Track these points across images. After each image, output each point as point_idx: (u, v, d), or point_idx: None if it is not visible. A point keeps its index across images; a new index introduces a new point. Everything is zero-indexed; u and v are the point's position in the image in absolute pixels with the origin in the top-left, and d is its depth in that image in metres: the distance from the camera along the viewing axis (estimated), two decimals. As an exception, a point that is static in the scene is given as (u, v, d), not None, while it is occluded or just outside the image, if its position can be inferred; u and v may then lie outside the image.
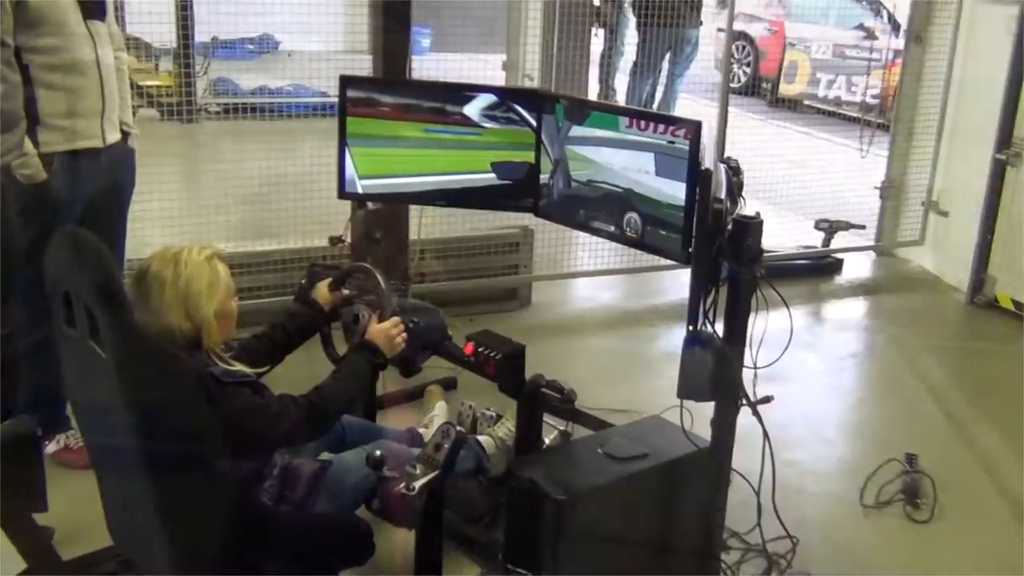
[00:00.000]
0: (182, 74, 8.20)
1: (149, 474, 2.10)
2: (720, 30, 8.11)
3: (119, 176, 3.40)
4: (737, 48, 11.01)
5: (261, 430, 2.28)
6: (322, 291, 2.90)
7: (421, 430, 3.15)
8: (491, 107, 3.39)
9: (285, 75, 6.76)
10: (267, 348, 2.74)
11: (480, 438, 3.16)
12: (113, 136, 3.32)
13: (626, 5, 7.76)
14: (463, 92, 3.42)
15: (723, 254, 2.56)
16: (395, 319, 2.70)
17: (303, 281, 3.35)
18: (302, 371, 3.06)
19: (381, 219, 3.65)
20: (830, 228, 6.15)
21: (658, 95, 7.86)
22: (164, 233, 4.58)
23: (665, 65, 7.76)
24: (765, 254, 2.63)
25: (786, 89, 10.09)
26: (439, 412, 3.41)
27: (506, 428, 3.23)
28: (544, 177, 3.37)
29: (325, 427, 2.45)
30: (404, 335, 2.71)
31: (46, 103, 3.10)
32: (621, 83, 7.74)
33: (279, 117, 6.85)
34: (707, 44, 8.12)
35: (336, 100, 3.48)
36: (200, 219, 4.78)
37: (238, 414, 2.23)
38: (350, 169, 3.47)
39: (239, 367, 2.33)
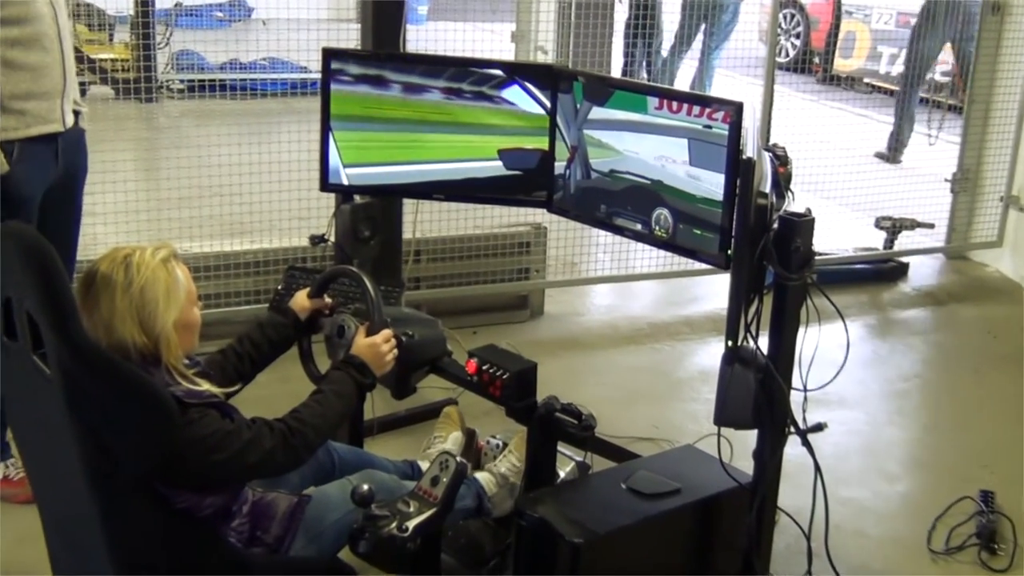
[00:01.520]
0: (140, 46, 8.24)
1: (100, 510, 2.10)
2: (765, -4, 8.12)
3: (73, 162, 3.41)
4: (785, 17, 11.00)
5: (230, 459, 2.28)
6: (301, 298, 2.91)
7: (422, 462, 3.14)
8: (498, 85, 3.40)
9: (259, 47, 6.78)
10: (236, 365, 2.74)
11: (478, 475, 3.15)
12: (71, 118, 3.34)
13: None
14: (466, 68, 3.42)
15: (768, 257, 2.55)
16: (386, 331, 2.70)
17: (279, 287, 3.36)
18: (277, 391, 3.06)
19: (370, 215, 3.65)
20: (893, 227, 6.14)
21: (682, 70, 7.86)
22: (118, 231, 4.60)
23: (700, 37, 7.78)
24: (817, 257, 2.63)
25: (842, 65, 10.07)
26: (451, 444, 3.39)
27: (509, 463, 3.22)
28: (559, 166, 3.37)
29: (304, 456, 2.44)
30: (396, 350, 2.71)
31: (5, 84, 3.11)
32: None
33: (252, 96, 6.87)
34: (750, 12, 8.13)
35: (318, 76, 3.49)
36: (160, 215, 4.80)
37: (203, 441, 2.23)
38: (334, 157, 3.47)
39: (205, 386, 2.33)
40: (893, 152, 7.96)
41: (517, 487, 3.14)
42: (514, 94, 3.39)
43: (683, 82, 8.16)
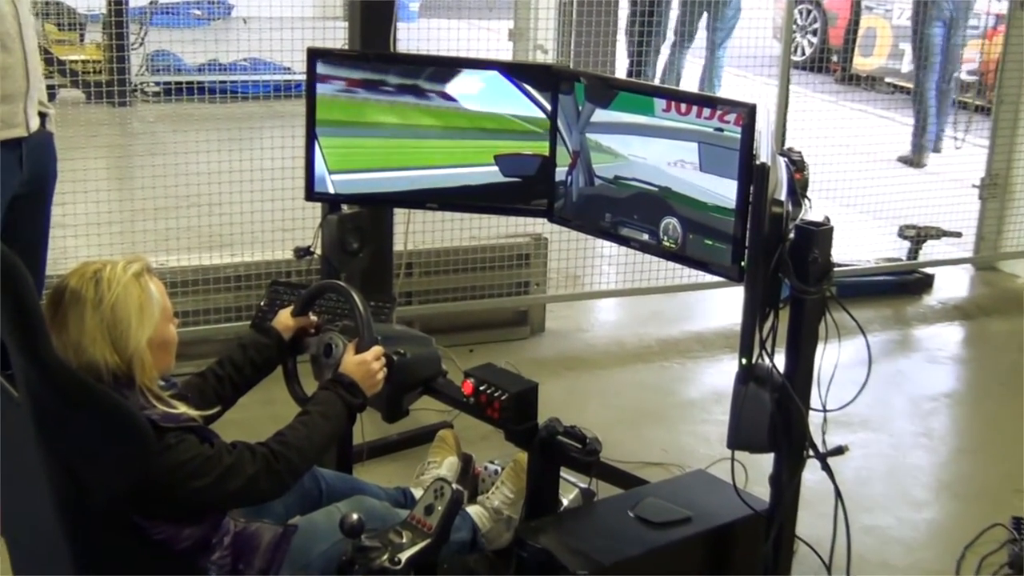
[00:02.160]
0: (113, 46, 8.25)
1: (70, 542, 2.10)
2: (779, -10, 8.14)
3: (40, 168, 3.41)
4: (801, 13, 11.04)
5: (210, 486, 2.28)
6: (284, 317, 2.91)
7: (415, 489, 3.14)
8: (494, 87, 3.40)
9: (240, 47, 6.78)
10: (216, 388, 2.74)
11: (469, 510, 3.14)
12: (35, 122, 3.34)
13: None
14: (460, 68, 3.43)
15: (784, 269, 2.56)
16: (376, 349, 2.70)
17: (262, 303, 3.36)
18: (260, 413, 3.07)
19: (359, 225, 3.65)
20: (918, 236, 6.15)
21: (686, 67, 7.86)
22: (89, 243, 4.60)
23: (702, 32, 7.80)
24: (836, 269, 2.63)
25: (861, 63, 10.08)
26: (446, 471, 3.39)
27: (502, 495, 3.21)
28: (560, 173, 3.38)
29: (289, 482, 2.44)
30: (387, 369, 2.71)
31: None
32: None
33: (232, 99, 6.87)
34: (763, 8, 8.15)
35: (303, 78, 3.50)
36: (134, 226, 4.80)
37: (181, 467, 2.23)
38: (320, 164, 3.48)
39: (182, 409, 2.33)
40: (920, 154, 7.98)
41: (514, 520, 3.14)
42: (512, 96, 3.39)
43: (690, 83, 8.18)
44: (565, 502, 3.18)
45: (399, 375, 2.81)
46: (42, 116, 3.40)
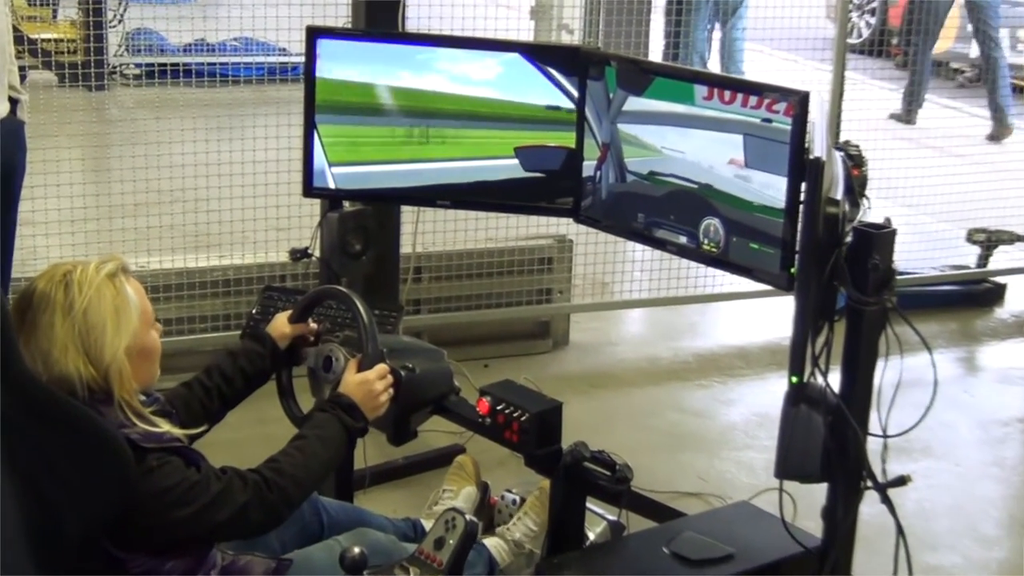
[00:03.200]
0: (89, 23, 8.28)
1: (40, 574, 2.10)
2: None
3: (8, 159, 3.43)
4: (857, -10, 11.02)
5: (195, 516, 2.28)
6: (280, 323, 2.91)
7: (425, 521, 3.14)
8: (515, 71, 3.41)
9: (230, 25, 6.80)
10: (203, 401, 2.74)
11: (487, 542, 3.14)
12: (4, 107, 3.36)
13: None
14: (477, 49, 3.44)
15: (840, 276, 2.55)
16: (380, 368, 2.70)
17: (254, 310, 3.37)
18: (251, 433, 3.08)
19: (362, 224, 3.66)
20: (988, 241, 6.13)
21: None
22: (62, 243, 4.62)
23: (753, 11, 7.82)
24: (898, 277, 2.62)
25: (925, 47, 10.06)
26: (463, 501, 3.39)
27: (525, 526, 3.21)
28: (588, 167, 3.38)
29: (283, 513, 2.44)
30: (392, 389, 2.72)
31: None
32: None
33: (221, 83, 6.90)
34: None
35: (301, 60, 3.51)
36: (112, 224, 4.82)
37: (164, 494, 2.24)
38: (319, 155, 3.49)
39: (165, 427, 2.34)
40: (1001, 129, 8.09)
41: (536, 555, 3.14)
42: (534, 81, 3.40)
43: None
44: (591, 536, 3.18)
45: (406, 393, 2.81)
46: (12, 102, 3.41)
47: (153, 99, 6.31)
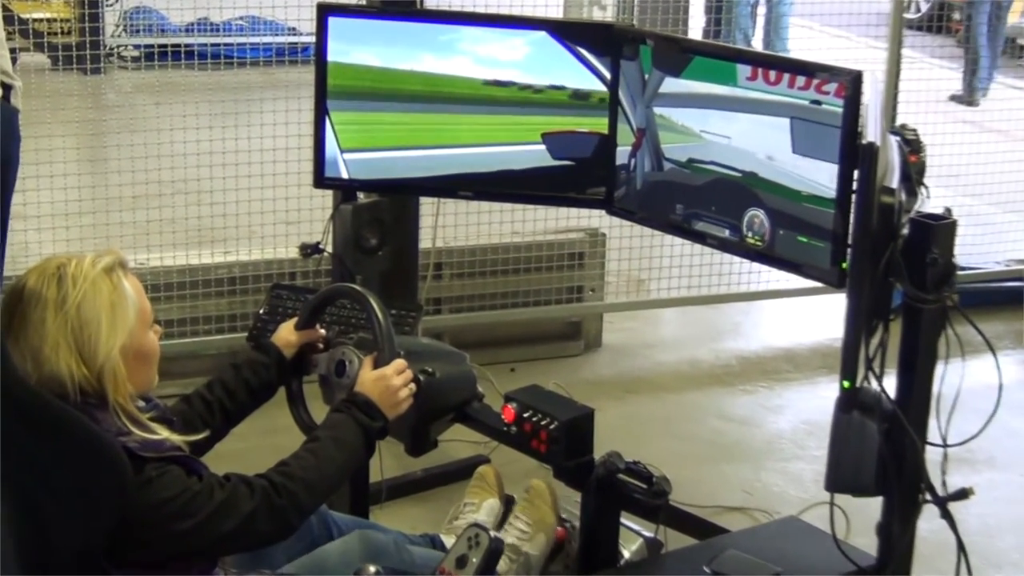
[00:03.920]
0: (84, 2, 8.33)
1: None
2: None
3: (2, 148, 3.44)
4: (915, -39, 10.98)
5: (198, 528, 2.29)
6: (286, 332, 2.90)
7: (445, 537, 3.15)
8: (543, 50, 3.41)
9: (235, 3, 6.83)
10: (204, 416, 2.73)
11: None
12: None
13: None
14: (501, 27, 3.44)
15: (895, 272, 2.54)
16: (398, 363, 2.70)
17: (261, 310, 3.38)
18: (259, 444, 3.08)
19: (377, 217, 3.66)
20: (1058, 233, 6.11)
21: None
22: (56, 238, 4.65)
23: None
24: (959, 272, 2.61)
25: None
26: (485, 515, 3.39)
27: (517, 529, 3.21)
28: (622, 155, 3.37)
29: (294, 522, 2.44)
30: (412, 389, 2.72)
31: None
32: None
33: (226, 66, 6.92)
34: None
35: (311, 40, 3.51)
36: (109, 217, 4.84)
37: (164, 505, 2.24)
38: (332, 143, 3.49)
39: (164, 434, 2.34)
40: None
41: (534, 557, 3.14)
42: (564, 62, 3.39)
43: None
44: (626, 554, 3.18)
45: (426, 399, 2.81)
46: (5, 88, 3.43)
47: (153, 83, 6.34)
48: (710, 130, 3.13)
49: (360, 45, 3.45)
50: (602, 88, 3.37)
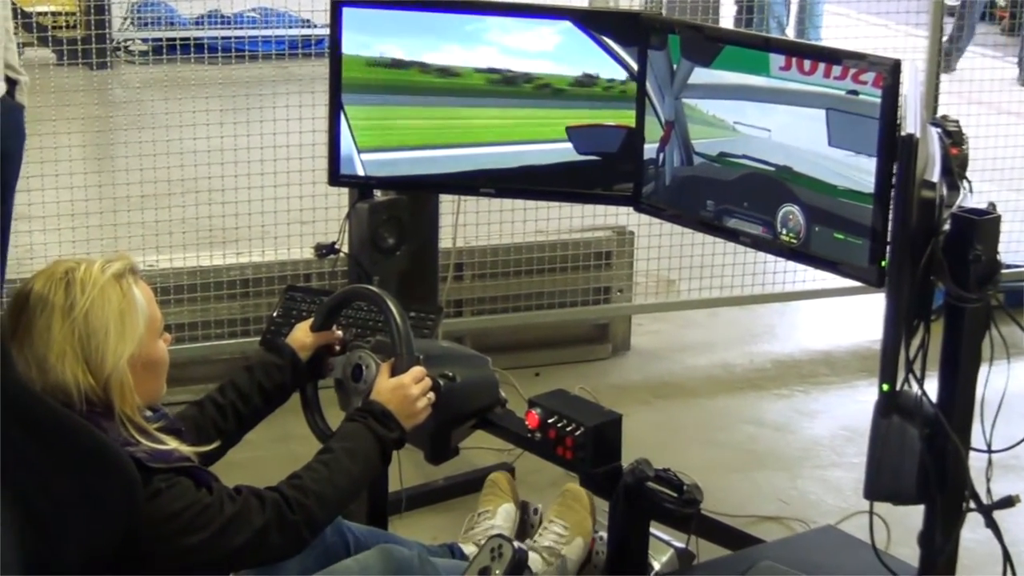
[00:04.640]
0: (91, -5, 8.36)
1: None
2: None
3: (4, 147, 3.45)
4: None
5: (208, 542, 2.29)
6: (301, 333, 2.91)
7: (464, 546, 3.15)
8: (567, 40, 3.41)
9: (247, -5, 6.88)
10: (216, 421, 2.74)
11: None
12: (0, 87, 3.39)
13: None
14: (523, 16, 3.44)
15: (937, 270, 2.53)
16: (417, 370, 2.70)
17: (275, 313, 3.39)
18: (273, 452, 3.09)
19: (395, 216, 3.67)
20: (1108, 229, 6.07)
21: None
22: (61, 239, 4.66)
23: None
24: (1004, 270, 2.60)
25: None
26: (501, 521, 3.40)
27: (553, 533, 3.22)
28: (650, 149, 3.37)
29: (307, 536, 2.45)
30: (430, 398, 2.72)
31: None
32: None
33: (238, 60, 6.93)
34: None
35: (326, 32, 3.52)
36: (116, 218, 4.85)
37: (173, 518, 2.25)
38: (347, 139, 3.50)
39: (172, 445, 2.34)
40: None
41: (570, 560, 3.14)
42: (589, 52, 3.39)
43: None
44: (656, 566, 3.19)
45: (446, 404, 2.81)
46: (10, 83, 3.44)
47: (162, 78, 6.34)
48: (742, 122, 3.13)
49: (376, 37, 3.46)
50: (629, 79, 3.37)
